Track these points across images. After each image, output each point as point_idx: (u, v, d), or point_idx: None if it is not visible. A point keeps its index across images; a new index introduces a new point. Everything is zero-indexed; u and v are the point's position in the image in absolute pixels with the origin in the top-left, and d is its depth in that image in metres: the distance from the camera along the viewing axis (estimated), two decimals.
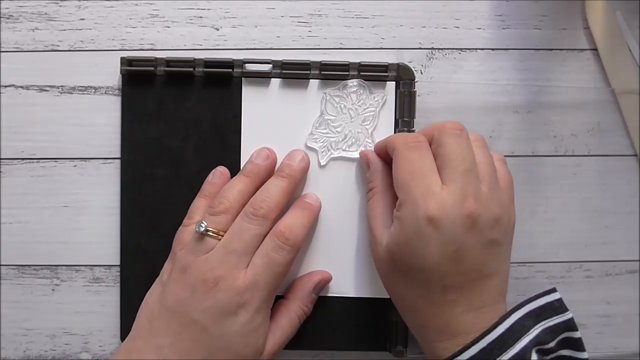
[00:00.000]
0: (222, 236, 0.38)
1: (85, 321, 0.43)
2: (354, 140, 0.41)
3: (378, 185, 0.39)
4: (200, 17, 0.43)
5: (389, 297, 0.41)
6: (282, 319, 0.39)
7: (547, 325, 0.36)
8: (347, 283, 0.42)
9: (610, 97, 0.44)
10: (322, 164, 0.41)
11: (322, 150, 0.41)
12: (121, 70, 0.42)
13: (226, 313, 0.36)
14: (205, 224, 0.37)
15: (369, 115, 0.41)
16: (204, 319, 0.36)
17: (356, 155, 0.41)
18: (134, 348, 0.37)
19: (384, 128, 0.42)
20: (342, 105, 0.41)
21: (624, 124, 0.44)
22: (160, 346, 0.36)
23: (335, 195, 0.42)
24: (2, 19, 0.42)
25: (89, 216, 0.42)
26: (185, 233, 0.39)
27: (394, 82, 0.42)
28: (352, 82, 0.41)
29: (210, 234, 0.37)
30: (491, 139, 0.43)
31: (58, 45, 0.42)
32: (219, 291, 0.36)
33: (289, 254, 0.38)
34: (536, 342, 0.34)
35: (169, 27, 0.43)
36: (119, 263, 0.42)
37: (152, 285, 0.39)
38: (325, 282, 0.41)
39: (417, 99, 0.42)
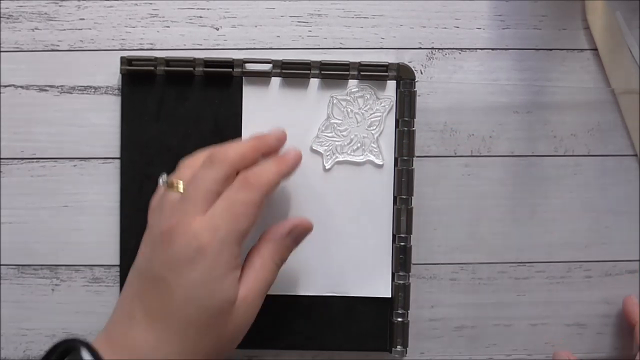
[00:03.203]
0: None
1: (85, 321, 0.43)
2: (359, 144, 0.41)
3: None
4: (200, 16, 0.43)
5: (389, 297, 0.42)
6: (256, 263, 0.36)
7: None
8: (347, 283, 0.42)
9: (610, 97, 0.44)
10: (327, 167, 0.41)
11: (327, 154, 0.41)
12: (121, 70, 0.41)
13: (183, 261, 0.34)
14: (165, 175, 0.36)
15: (375, 121, 0.41)
16: (163, 271, 0.34)
17: (361, 159, 0.41)
18: (111, 321, 0.36)
19: (389, 132, 0.42)
20: (349, 110, 0.41)
21: (624, 124, 0.44)
22: (131, 311, 0.35)
23: (338, 197, 0.42)
24: (2, 18, 0.42)
25: (89, 216, 0.42)
26: (154, 198, 0.38)
27: (394, 82, 0.42)
28: (360, 86, 0.41)
29: (174, 186, 0.36)
30: (491, 139, 0.43)
31: (58, 45, 0.42)
32: (175, 239, 0.34)
33: (252, 194, 0.35)
34: None
35: (168, 26, 0.43)
36: (118, 263, 0.42)
37: None
38: (302, 229, 0.38)
39: (417, 98, 0.42)
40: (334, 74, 0.41)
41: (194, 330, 0.34)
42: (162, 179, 0.37)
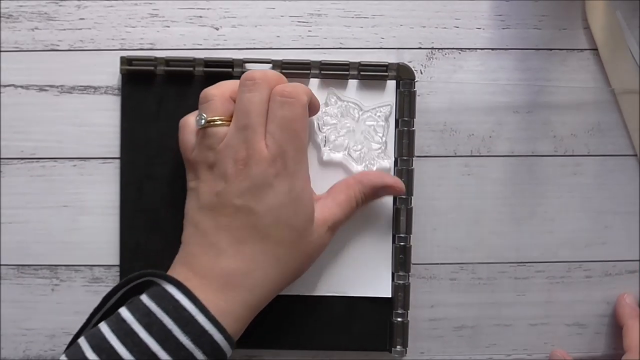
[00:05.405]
0: (228, 120, 0.36)
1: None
2: (367, 132, 0.41)
3: None
4: (200, 16, 0.43)
5: (389, 296, 0.42)
6: (341, 196, 0.38)
7: None
8: (346, 283, 0.42)
9: (610, 97, 0.44)
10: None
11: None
12: (121, 70, 0.41)
13: (264, 187, 0.35)
14: (204, 115, 0.36)
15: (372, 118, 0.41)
16: (245, 201, 0.35)
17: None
18: (190, 254, 0.36)
19: (390, 133, 0.42)
20: (343, 111, 0.41)
21: (624, 123, 0.44)
22: (215, 243, 0.36)
23: None
24: (2, 18, 0.42)
25: (89, 216, 0.42)
26: (188, 134, 0.38)
27: (394, 82, 0.42)
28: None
29: (217, 122, 0.36)
30: (491, 138, 0.43)
31: (58, 45, 0.42)
32: (252, 168, 0.35)
33: (296, 107, 0.36)
34: None
35: (168, 26, 0.43)
36: (118, 263, 0.42)
37: (186, 200, 0.39)
38: (394, 190, 0.40)
39: (417, 98, 0.42)
40: (333, 73, 0.41)
41: (284, 250, 0.36)
42: (202, 119, 0.36)
